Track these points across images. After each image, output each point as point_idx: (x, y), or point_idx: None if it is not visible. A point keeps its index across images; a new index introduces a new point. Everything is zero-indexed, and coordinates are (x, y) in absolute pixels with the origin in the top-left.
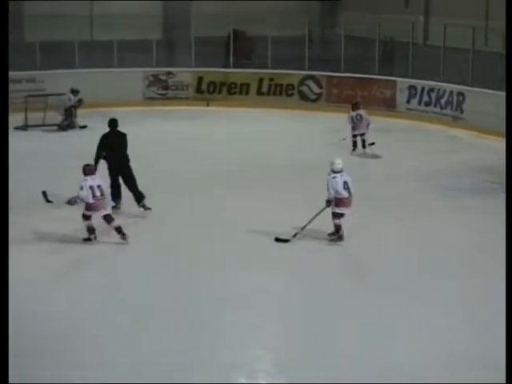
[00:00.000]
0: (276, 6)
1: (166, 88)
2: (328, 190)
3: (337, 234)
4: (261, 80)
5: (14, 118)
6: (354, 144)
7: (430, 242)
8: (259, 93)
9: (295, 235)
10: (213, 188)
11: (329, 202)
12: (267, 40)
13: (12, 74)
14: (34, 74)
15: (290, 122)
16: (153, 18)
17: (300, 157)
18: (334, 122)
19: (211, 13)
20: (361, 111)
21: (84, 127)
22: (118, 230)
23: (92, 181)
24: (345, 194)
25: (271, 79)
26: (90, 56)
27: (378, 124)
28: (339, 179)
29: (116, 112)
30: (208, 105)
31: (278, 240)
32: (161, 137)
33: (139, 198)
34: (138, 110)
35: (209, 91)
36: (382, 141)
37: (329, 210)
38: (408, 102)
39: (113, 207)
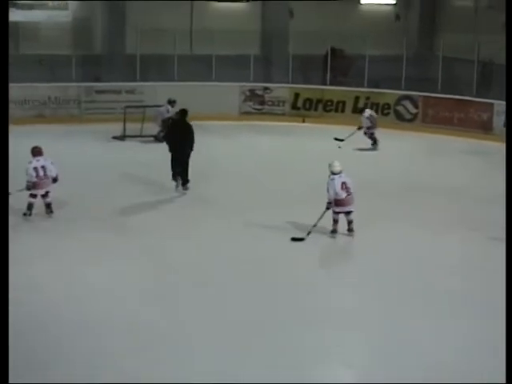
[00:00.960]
0: (374, 25)
1: (263, 103)
2: (328, 191)
3: (333, 227)
4: (357, 98)
5: (113, 128)
6: (374, 140)
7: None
8: (355, 111)
9: (308, 234)
10: (308, 202)
11: (329, 204)
12: (364, 58)
13: (112, 84)
14: (134, 86)
15: (385, 142)
16: (251, 34)
17: (397, 176)
18: (430, 143)
19: (309, 30)
20: (369, 111)
21: None
22: (48, 205)
23: (36, 162)
24: (342, 194)
25: (367, 98)
26: (189, 69)
27: (472, 146)
28: (337, 181)
29: (212, 125)
30: (304, 121)
31: (294, 239)
32: (254, 151)
33: (185, 182)
34: (234, 124)
35: (305, 108)
36: (475, 163)
37: None
38: (505, 125)
39: (177, 186)
